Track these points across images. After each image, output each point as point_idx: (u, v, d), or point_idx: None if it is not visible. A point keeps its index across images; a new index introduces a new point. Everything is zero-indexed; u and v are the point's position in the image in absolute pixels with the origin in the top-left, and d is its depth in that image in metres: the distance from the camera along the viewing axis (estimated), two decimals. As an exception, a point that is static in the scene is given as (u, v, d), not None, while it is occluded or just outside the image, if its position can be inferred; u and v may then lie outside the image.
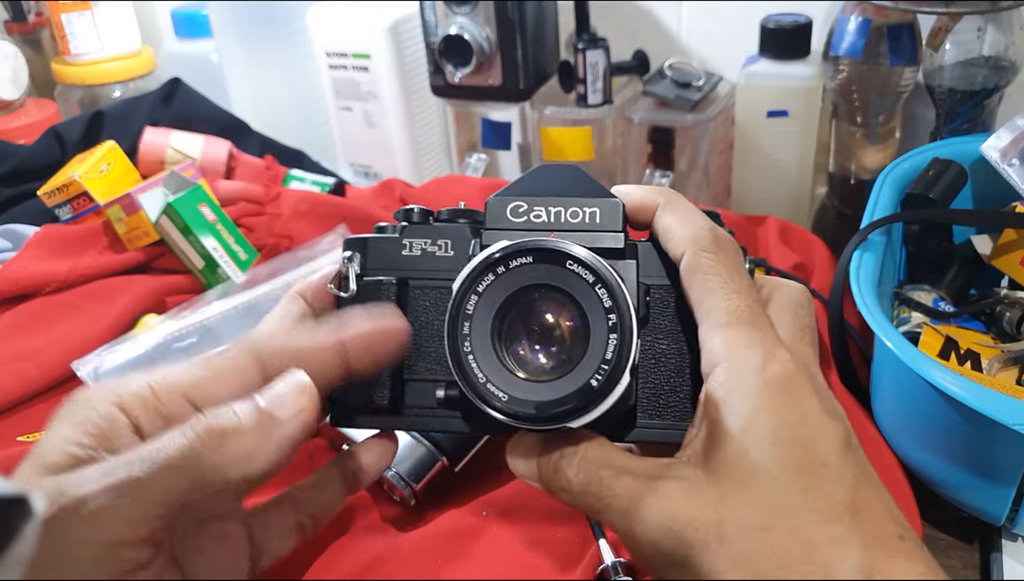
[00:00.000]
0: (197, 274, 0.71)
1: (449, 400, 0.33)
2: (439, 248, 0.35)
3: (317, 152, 0.95)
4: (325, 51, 0.88)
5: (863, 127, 0.74)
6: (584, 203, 0.34)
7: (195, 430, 0.29)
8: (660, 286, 0.33)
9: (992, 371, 0.50)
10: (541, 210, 0.33)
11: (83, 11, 0.92)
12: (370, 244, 0.36)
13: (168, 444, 0.28)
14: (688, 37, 0.89)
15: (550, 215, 0.33)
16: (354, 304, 0.35)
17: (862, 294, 0.49)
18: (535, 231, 0.33)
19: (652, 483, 0.29)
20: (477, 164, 0.88)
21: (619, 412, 0.31)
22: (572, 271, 0.30)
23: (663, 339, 0.33)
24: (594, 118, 0.81)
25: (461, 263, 0.33)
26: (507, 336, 0.31)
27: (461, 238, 0.35)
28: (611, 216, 0.33)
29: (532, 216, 0.33)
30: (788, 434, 0.28)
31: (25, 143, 0.83)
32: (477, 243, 0.34)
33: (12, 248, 0.72)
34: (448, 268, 0.34)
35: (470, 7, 0.79)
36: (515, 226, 0.33)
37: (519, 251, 0.30)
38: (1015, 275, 0.57)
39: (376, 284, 0.35)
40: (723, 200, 0.85)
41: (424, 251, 0.35)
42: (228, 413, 0.30)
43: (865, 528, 0.27)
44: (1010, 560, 0.46)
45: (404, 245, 0.35)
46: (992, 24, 0.66)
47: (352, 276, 0.35)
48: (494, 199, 0.34)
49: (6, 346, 0.62)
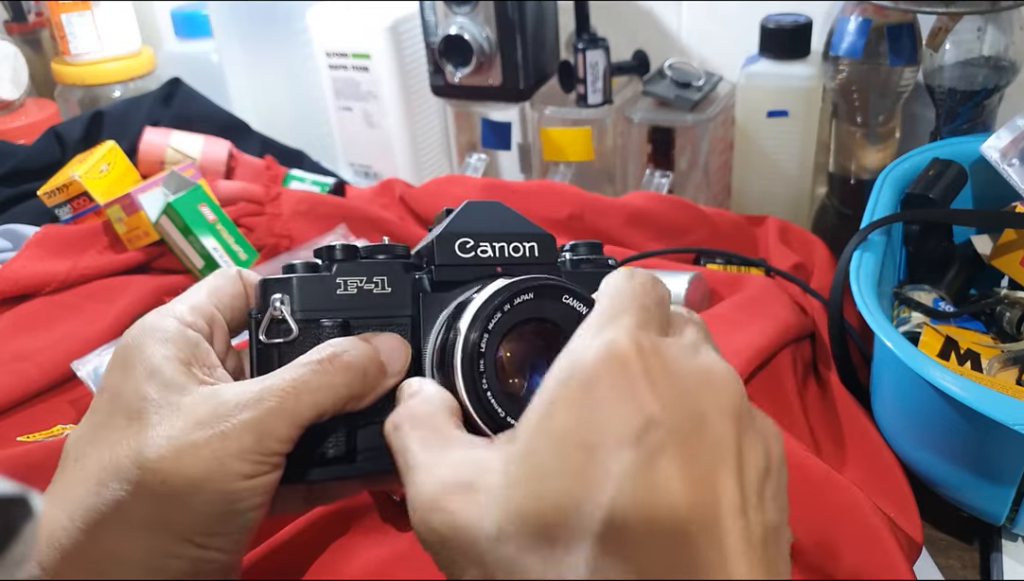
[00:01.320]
0: (197, 274, 0.71)
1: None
2: (375, 285, 0.34)
3: (317, 152, 0.95)
4: (325, 51, 0.88)
5: (863, 127, 0.74)
6: (523, 238, 0.35)
7: (335, 364, 0.31)
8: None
9: (992, 371, 0.50)
10: (487, 246, 0.34)
11: (83, 11, 0.92)
12: (300, 284, 0.33)
13: (312, 372, 0.30)
14: (688, 37, 0.89)
15: (495, 250, 0.34)
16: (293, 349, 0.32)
17: (862, 294, 0.49)
18: (481, 266, 0.34)
19: (445, 444, 0.28)
20: (477, 164, 0.88)
21: None
22: (566, 304, 0.31)
23: None
24: (594, 118, 0.81)
25: (401, 299, 0.34)
26: (513, 369, 0.32)
27: (396, 273, 0.34)
28: (547, 250, 0.35)
29: (479, 251, 0.34)
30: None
31: (25, 143, 0.83)
32: (424, 278, 0.34)
33: (12, 248, 0.72)
34: (387, 306, 0.34)
35: (470, 7, 0.79)
36: (463, 262, 0.34)
37: (523, 289, 0.31)
38: (1015, 275, 0.57)
39: (316, 326, 0.33)
40: (723, 200, 0.85)
41: (360, 289, 0.34)
42: (365, 351, 0.32)
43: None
44: (1010, 560, 0.46)
45: (339, 283, 0.34)
46: (992, 24, 0.66)
47: (290, 319, 0.32)
48: (440, 237, 0.34)
49: (6, 346, 0.62)
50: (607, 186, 0.86)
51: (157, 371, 0.31)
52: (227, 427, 0.29)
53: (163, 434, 0.29)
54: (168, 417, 0.29)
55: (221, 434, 0.29)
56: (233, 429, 0.29)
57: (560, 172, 0.84)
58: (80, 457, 0.30)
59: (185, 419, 0.29)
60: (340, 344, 0.32)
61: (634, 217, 0.74)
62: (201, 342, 0.33)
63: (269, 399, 0.30)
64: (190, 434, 0.29)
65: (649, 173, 0.81)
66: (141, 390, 0.30)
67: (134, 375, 0.31)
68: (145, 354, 0.31)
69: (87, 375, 0.59)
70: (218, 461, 0.29)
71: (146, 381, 0.30)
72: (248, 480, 0.29)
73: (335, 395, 0.31)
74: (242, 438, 0.29)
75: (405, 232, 0.76)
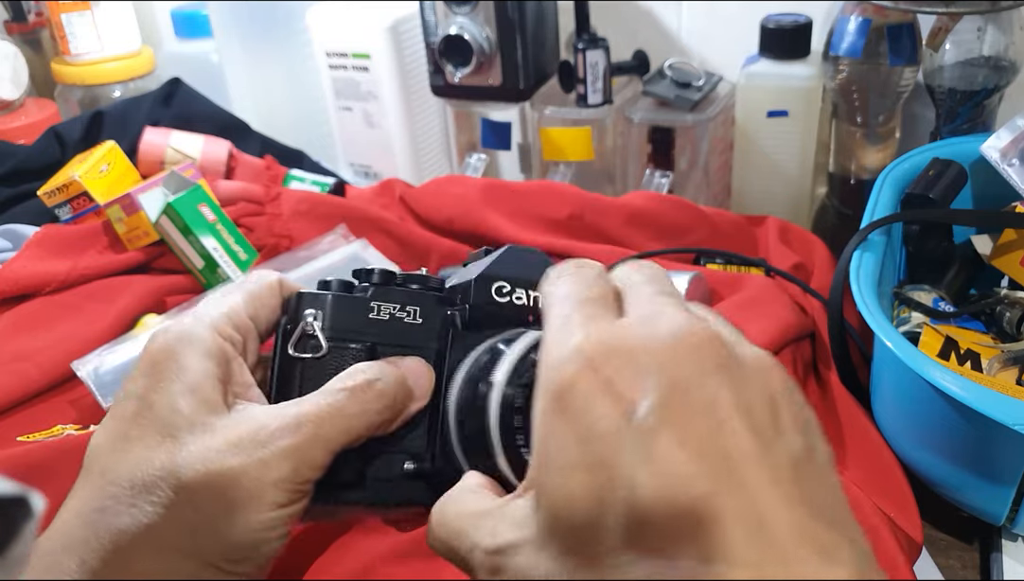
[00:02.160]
0: (197, 274, 0.71)
1: (416, 473, 0.33)
2: (407, 314, 0.34)
3: (317, 152, 0.95)
4: (325, 51, 0.88)
5: (863, 127, 0.74)
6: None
7: (368, 393, 0.31)
8: None
9: (992, 371, 0.50)
10: (522, 293, 0.34)
11: (83, 11, 0.92)
12: (333, 302, 0.33)
13: (346, 399, 0.30)
14: (688, 37, 0.89)
15: (529, 299, 0.34)
16: (319, 367, 0.33)
17: (862, 294, 0.49)
18: (515, 311, 0.34)
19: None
20: (477, 164, 0.88)
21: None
22: None
23: None
24: (594, 118, 0.81)
25: (430, 332, 0.34)
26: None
27: (429, 305, 0.34)
28: None
29: (514, 298, 0.34)
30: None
31: (25, 143, 0.83)
32: (456, 316, 0.34)
33: (12, 248, 0.72)
34: (416, 336, 0.34)
35: (470, 7, 0.79)
36: (498, 306, 0.34)
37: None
38: (1015, 275, 0.57)
39: (343, 348, 0.33)
40: (723, 200, 0.85)
41: (392, 316, 0.34)
42: (395, 378, 0.32)
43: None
44: (1010, 560, 0.46)
45: (372, 307, 0.34)
46: (992, 24, 0.66)
47: (320, 335, 0.33)
48: (479, 278, 0.34)
49: (6, 346, 0.62)
50: (607, 186, 0.86)
51: (197, 388, 0.30)
52: (266, 454, 0.28)
53: (198, 456, 0.28)
54: (203, 437, 0.29)
55: (260, 462, 0.28)
56: (272, 457, 0.28)
57: (560, 172, 0.84)
58: (106, 471, 0.29)
59: (221, 442, 0.28)
60: (372, 370, 0.31)
61: (634, 217, 0.74)
62: (236, 358, 0.32)
63: (306, 426, 0.29)
64: (227, 459, 0.28)
65: (649, 173, 0.81)
66: (176, 405, 0.29)
67: (169, 388, 0.30)
68: (182, 365, 0.30)
69: (87, 375, 0.59)
70: (255, 489, 0.28)
71: (183, 396, 0.29)
72: (281, 509, 0.29)
73: (367, 422, 0.31)
74: (281, 466, 0.28)
75: (405, 232, 0.76)
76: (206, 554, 0.28)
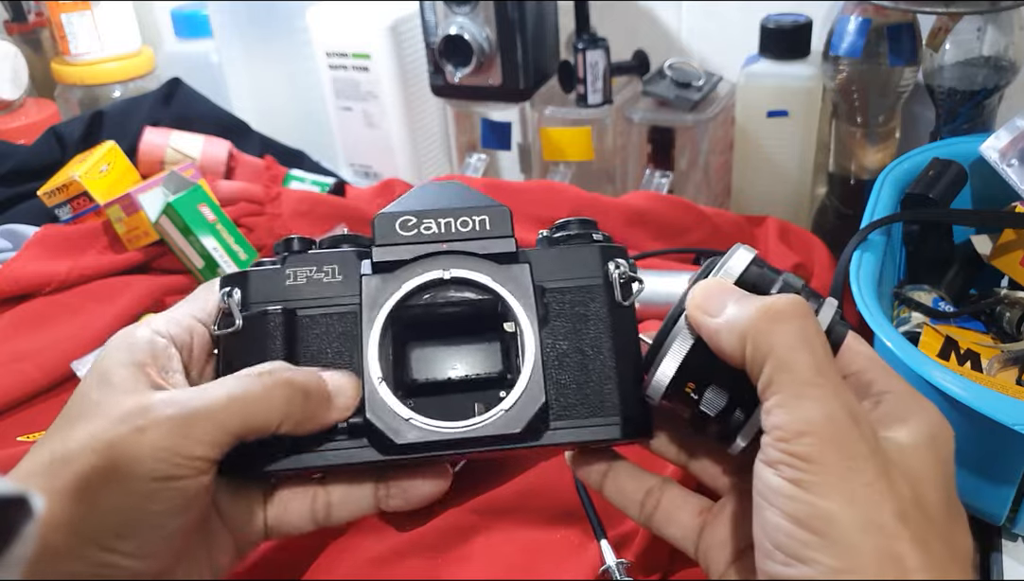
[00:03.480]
0: (197, 274, 0.71)
1: (353, 428, 0.32)
2: (325, 274, 0.34)
3: (317, 152, 0.94)
4: (325, 51, 0.88)
5: (863, 127, 0.74)
6: (472, 212, 0.34)
7: (275, 378, 0.31)
8: (555, 289, 0.34)
9: (992, 371, 0.50)
10: (431, 222, 0.34)
11: (83, 11, 0.92)
12: (251, 277, 0.34)
13: (250, 382, 0.30)
14: (688, 37, 0.89)
15: (440, 226, 0.34)
16: (240, 340, 0.33)
17: (862, 294, 0.49)
18: (426, 243, 0.33)
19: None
20: (477, 164, 0.88)
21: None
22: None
23: (563, 339, 0.34)
24: (594, 118, 0.81)
25: (350, 287, 0.33)
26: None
27: (348, 262, 0.34)
28: (500, 222, 0.34)
29: (422, 228, 0.33)
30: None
31: (25, 143, 0.83)
32: (368, 262, 0.34)
33: (12, 248, 0.72)
34: (338, 293, 0.34)
35: (470, 7, 0.79)
36: (405, 240, 0.33)
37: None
38: (1015, 275, 0.57)
39: (261, 316, 0.33)
40: (723, 200, 0.85)
41: (310, 279, 0.34)
42: (309, 376, 0.32)
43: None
44: (1010, 560, 0.46)
45: (288, 274, 0.34)
46: (992, 24, 0.66)
47: (235, 310, 0.33)
48: (380, 215, 0.33)
49: (6, 346, 0.62)
50: (607, 186, 0.86)
51: (105, 374, 0.30)
52: (143, 423, 0.28)
53: (85, 430, 0.29)
54: (97, 416, 0.29)
55: (137, 429, 0.28)
56: (150, 425, 0.28)
57: (560, 172, 0.84)
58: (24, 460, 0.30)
59: (109, 417, 0.29)
60: (288, 368, 0.32)
61: (634, 217, 0.74)
62: (167, 348, 0.32)
63: (196, 401, 0.29)
64: (108, 431, 0.28)
65: (649, 173, 0.81)
66: (85, 392, 0.30)
67: (86, 379, 0.31)
68: (101, 360, 0.31)
69: (87, 375, 0.59)
70: (130, 458, 0.28)
71: (93, 385, 0.30)
72: (162, 482, 0.28)
73: (269, 409, 0.30)
74: (160, 437, 0.28)
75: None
76: (82, 527, 0.28)
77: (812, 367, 0.27)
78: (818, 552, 0.25)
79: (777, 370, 0.27)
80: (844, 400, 0.27)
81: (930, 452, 0.28)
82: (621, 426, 0.33)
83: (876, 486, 0.26)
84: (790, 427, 0.26)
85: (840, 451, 0.26)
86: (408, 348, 0.33)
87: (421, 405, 0.32)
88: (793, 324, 0.28)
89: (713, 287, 0.31)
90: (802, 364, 0.27)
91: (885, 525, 0.25)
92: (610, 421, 0.33)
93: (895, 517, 0.25)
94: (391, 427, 0.32)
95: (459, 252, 0.33)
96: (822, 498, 0.25)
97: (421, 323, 0.33)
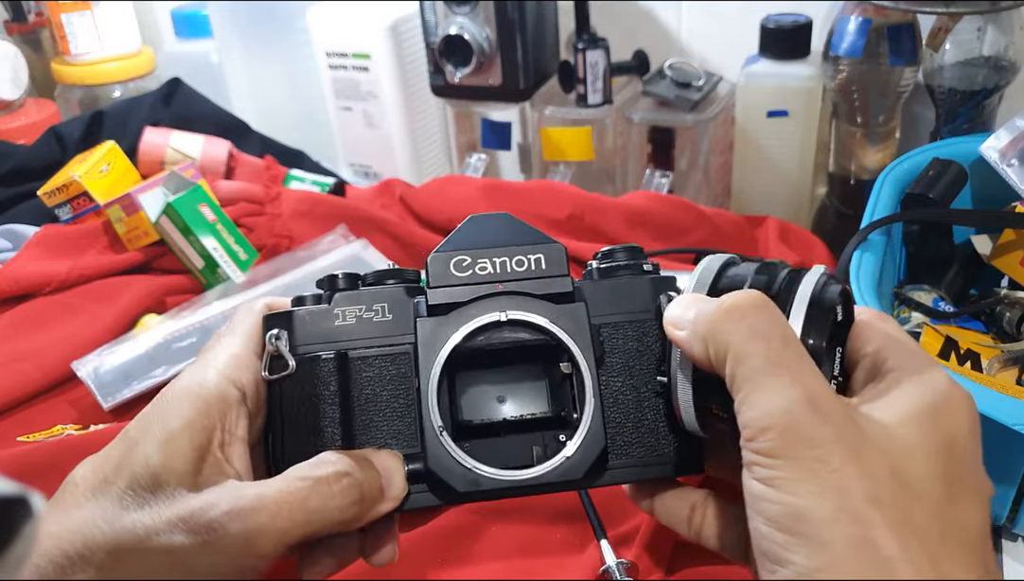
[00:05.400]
0: (197, 274, 0.71)
1: (413, 475, 0.32)
2: (375, 313, 0.33)
3: (317, 152, 0.95)
4: (325, 51, 0.88)
5: (863, 127, 0.74)
6: (527, 250, 0.33)
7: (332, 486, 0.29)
8: (609, 324, 0.34)
9: (992, 371, 0.50)
10: (486, 262, 0.33)
11: (83, 11, 0.92)
12: (296, 318, 0.33)
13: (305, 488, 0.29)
14: (688, 37, 0.89)
15: (495, 266, 0.33)
16: (293, 386, 0.32)
17: (862, 294, 0.49)
18: (482, 284, 0.32)
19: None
20: (477, 164, 0.88)
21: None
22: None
23: (617, 376, 0.33)
24: (594, 118, 0.81)
25: (401, 326, 0.33)
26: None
27: (397, 299, 0.33)
28: (556, 261, 0.33)
29: (477, 269, 0.33)
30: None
31: (25, 143, 0.83)
32: (422, 302, 0.33)
33: (12, 248, 0.72)
34: (389, 333, 0.33)
35: (470, 7, 0.79)
36: (461, 281, 0.32)
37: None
38: (1015, 275, 0.57)
39: (313, 361, 0.32)
40: (723, 200, 0.85)
41: (359, 318, 0.33)
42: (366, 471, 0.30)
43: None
44: (1010, 560, 0.46)
45: (336, 314, 0.33)
46: (992, 24, 0.66)
47: (286, 353, 0.32)
48: (434, 256, 0.33)
49: (6, 346, 0.62)
50: (607, 186, 0.86)
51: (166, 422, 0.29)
52: (210, 537, 0.27)
53: (143, 523, 0.27)
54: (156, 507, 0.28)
55: (203, 544, 0.27)
56: (218, 540, 0.27)
57: (560, 172, 0.84)
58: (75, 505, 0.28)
59: (171, 515, 0.27)
60: (341, 463, 0.30)
61: (634, 217, 0.74)
62: (238, 405, 0.31)
63: (261, 516, 0.28)
64: (171, 533, 0.27)
65: (649, 173, 0.81)
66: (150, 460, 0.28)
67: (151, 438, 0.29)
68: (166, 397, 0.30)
69: (87, 375, 0.59)
70: (187, 570, 0.27)
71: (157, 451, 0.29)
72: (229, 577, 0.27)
73: (327, 519, 0.29)
74: (226, 558, 0.27)
75: (405, 232, 0.76)
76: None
77: (765, 357, 0.26)
78: (793, 552, 0.24)
79: (735, 365, 0.26)
80: (805, 386, 0.25)
81: (923, 425, 0.26)
82: (674, 463, 0.33)
83: (844, 471, 0.24)
84: (755, 424, 0.25)
85: (802, 441, 0.24)
86: (458, 387, 0.33)
87: (476, 447, 0.32)
88: (748, 317, 0.27)
89: (681, 300, 0.30)
90: (756, 356, 0.26)
91: (856, 512, 0.24)
92: (664, 459, 0.33)
93: (866, 501, 0.24)
94: (454, 475, 0.31)
95: (516, 293, 0.33)
96: (791, 494, 0.24)
97: (469, 359, 0.33)
